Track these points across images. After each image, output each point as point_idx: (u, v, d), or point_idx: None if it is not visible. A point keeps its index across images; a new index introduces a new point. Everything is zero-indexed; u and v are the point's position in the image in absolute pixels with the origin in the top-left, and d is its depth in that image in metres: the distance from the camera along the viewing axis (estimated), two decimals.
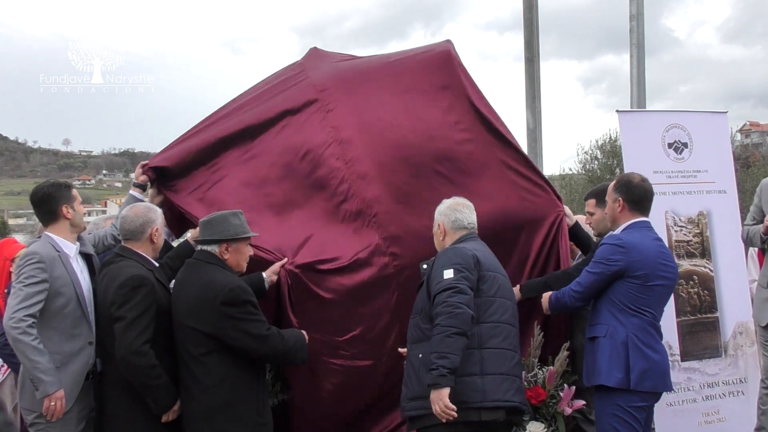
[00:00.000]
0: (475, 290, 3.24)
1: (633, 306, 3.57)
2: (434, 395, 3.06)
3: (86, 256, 3.75)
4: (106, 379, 3.51)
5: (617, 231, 3.74)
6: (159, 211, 3.74)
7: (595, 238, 4.29)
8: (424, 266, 3.53)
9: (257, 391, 3.46)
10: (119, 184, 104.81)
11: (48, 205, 3.61)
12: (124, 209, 3.76)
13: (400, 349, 3.73)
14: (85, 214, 3.83)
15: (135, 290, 3.33)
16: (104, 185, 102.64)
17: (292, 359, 3.55)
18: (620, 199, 3.73)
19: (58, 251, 3.51)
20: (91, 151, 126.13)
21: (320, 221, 4.05)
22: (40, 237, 3.72)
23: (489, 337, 3.26)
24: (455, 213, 3.57)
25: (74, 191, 3.73)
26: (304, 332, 3.62)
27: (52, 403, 3.32)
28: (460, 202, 3.65)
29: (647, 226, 3.75)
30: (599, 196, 4.20)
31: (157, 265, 3.65)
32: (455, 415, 3.04)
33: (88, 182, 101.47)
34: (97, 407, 3.57)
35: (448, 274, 3.21)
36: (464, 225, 3.56)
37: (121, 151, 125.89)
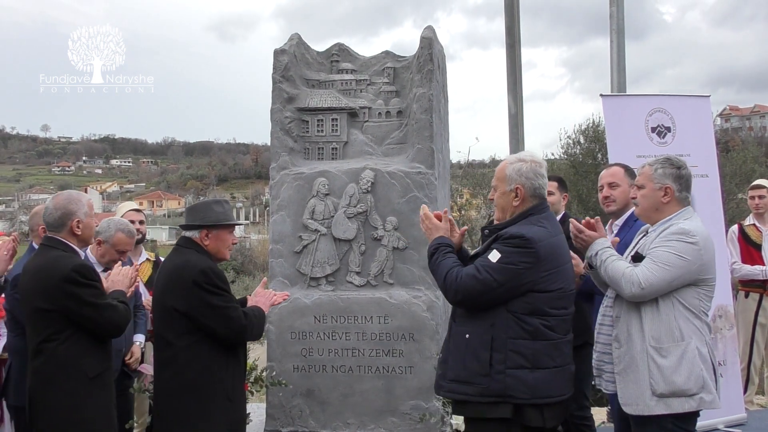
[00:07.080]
0: (529, 287, 2.90)
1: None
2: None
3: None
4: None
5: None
6: (83, 200, 3.45)
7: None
8: (486, 231, 3.13)
9: (228, 372, 3.40)
10: (99, 171, 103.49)
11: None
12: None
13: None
14: None
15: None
16: (84, 171, 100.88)
17: (249, 337, 3.52)
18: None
19: None
20: (71, 137, 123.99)
21: None
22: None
23: (545, 329, 2.92)
24: (539, 179, 3.05)
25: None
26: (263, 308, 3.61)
27: None
28: (538, 161, 3.10)
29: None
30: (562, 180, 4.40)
31: (83, 255, 3.57)
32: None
33: (67, 169, 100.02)
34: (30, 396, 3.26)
35: (494, 257, 2.90)
36: (543, 194, 3.07)
37: (101, 137, 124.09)
